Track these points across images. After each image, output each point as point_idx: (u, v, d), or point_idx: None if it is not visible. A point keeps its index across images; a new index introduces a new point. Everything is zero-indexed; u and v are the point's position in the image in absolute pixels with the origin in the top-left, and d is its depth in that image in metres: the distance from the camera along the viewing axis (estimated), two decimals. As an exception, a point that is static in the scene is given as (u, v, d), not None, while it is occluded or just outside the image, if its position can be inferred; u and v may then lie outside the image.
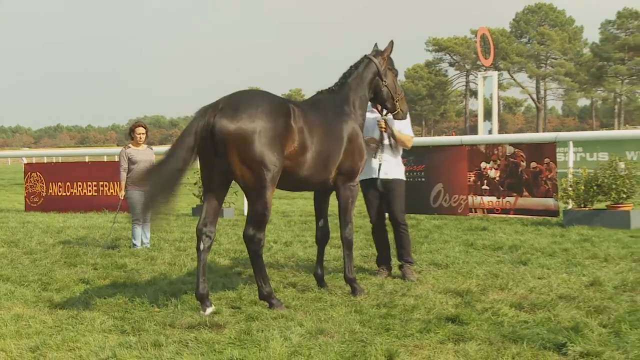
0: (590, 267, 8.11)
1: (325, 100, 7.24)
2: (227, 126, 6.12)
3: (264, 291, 6.56)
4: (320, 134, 6.75)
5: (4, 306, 6.88)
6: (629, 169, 11.52)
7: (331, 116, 7.04)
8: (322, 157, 6.78)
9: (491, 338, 5.36)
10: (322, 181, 6.99)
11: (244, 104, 6.31)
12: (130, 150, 10.88)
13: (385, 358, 4.90)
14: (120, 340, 5.51)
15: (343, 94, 7.29)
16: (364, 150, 7.28)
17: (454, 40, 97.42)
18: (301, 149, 6.57)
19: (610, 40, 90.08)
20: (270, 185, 6.31)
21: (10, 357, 5.21)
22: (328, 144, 6.84)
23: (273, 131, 6.26)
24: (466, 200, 12.94)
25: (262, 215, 6.40)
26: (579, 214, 11.65)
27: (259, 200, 6.33)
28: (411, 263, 8.13)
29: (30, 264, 9.42)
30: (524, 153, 12.41)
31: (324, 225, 7.52)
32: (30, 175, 18.00)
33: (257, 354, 5.02)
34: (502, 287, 7.18)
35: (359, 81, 7.40)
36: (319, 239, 7.55)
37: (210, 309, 6.40)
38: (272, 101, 6.52)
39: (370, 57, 7.54)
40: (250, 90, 6.71)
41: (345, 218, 7.25)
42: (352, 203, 7.24)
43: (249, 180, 6.24)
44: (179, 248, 10.57)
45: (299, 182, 6.88)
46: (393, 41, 7.71)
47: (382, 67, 7.52)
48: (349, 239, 7.25)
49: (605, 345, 5.09)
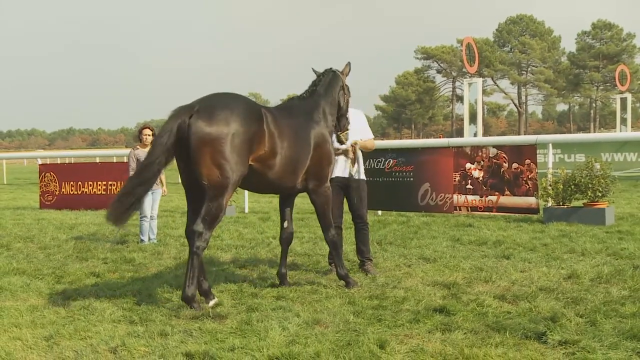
0: (568, 261, 8.11)
1: (296, 107, 7.08)
2: (202, 128, 5.95)
3: (188, 292, 6.08)
4: (289, 139, 6.58)
5: (20, 298, 6.86)
6: (604, 170, 11.55)
7: (301, 122, 6.86)
8: (291, 162, 6.61)
9: (476, 328, 5.36)
10: (290, 185, 6.81)
11: (219, 106, 6.14)
12: (138, 151, 10.83)
13: (377, 347, 4.89)
14: (128, 330, 5.50)
15: (313, 101, 7.15)
16: (332, 156, 7.11)
17: (441, 49, 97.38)
18: (271, 153, 6.41)
19: (586, 49, 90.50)
20: (231, 188, 6.12)
21: (26, 345, 5.19)
22: (296, 149, 6.67)
23: (246, 135, 6.11)
24: (451, 199, 12.94)
25: (216, 216, 6.12)
26: (558, 212, 11.67)
27: (218, 200, 6.07)
28: (371, 260, 8.05)
29: (45, 258, 9.39)
30: (507, 155, 12.39)
31: (288, 226, 7.31)
32: (44, 175, 17.93)
33: (257, 343, 5.01)
34: (486, 279, 7.17)
35: (328, 89, 7.27)
36: (283, 239, 7.31)
37: (214, 301, 6.38)
38: (246, 105, 6.38)
39: (335, 70, 7.46)
40: (224, 93, 6.48)
41: (325, 222, 7.09)
42: (327, 207, 7.07)
43: (214, 180, 5.99)
44: (183, 243, 10.53)
45: (267, 185, 6.70)
46: (350, 63, 7.60)
47: (344, 83, 7.43)
48: (334, 240, 7.13)
49: (582, 334, 5.10)
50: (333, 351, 4.82)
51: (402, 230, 11.30)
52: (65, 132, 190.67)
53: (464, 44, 39.14)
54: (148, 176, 6.13)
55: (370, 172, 13.08)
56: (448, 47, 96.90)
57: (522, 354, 4.72)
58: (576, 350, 4.78)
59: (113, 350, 5.00)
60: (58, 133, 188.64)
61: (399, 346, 4.94)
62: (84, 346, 5.13)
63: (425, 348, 4.89)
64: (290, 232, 7.35)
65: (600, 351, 4.71)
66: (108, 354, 4.94)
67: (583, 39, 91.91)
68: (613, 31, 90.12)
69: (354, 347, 4.90)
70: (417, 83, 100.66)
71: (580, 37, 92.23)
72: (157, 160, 6.06)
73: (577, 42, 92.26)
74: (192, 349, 4.88)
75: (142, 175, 6.18)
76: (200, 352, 4.83)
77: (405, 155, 13.34)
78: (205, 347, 4.95)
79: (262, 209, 15.77)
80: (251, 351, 4.85)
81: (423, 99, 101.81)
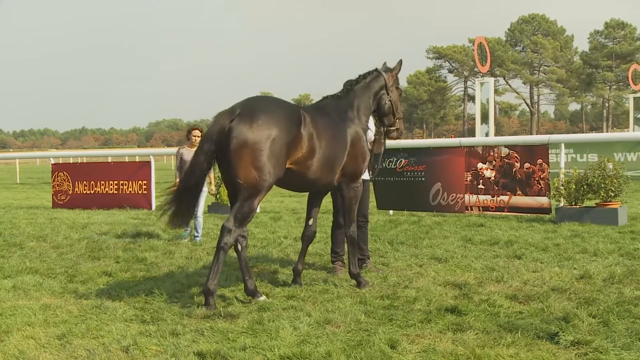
0: (580, 261, 8.08)
1: (330, 105, 7.17)
2: (244, 132, 6.07)
3: (210, 285, 6.19)
4: (326, 138, 6.70)
5: (33, 297, 6.90)
6: (616, 169, 11.49)
7: (336, 120, 6.98)
8: (329, 161, 6.72)
9: (488, 328, 5.34)
10: (327, 183, 6.94)
11: (260, 111, 6.25)
12: (184, 150, 11.15)
13: (389, 346, 4.89)
14: (140, 329, 5.52)
15: (348, 100, 7.23)
16: (367, 152, 7.21)
17: (453, 49, 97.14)
18: (310, 154, 6.52)
19: (599, 48, 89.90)
20: (265, 190, 6.26)
21: (39, 344, 5.22)
22: (334, 148, 6.78)
23: (285, 139, 6.23)
24: (463, 199, 12.90)
25: (248, 215, 6.27)
26: (570, 211, 11.61)
27: (251, 201, 6.19)
28: (369, 258, 8.17)
29: (57, 257, 9.44)
30: (519, 154, 12.36)
31: (312, 224, 7.40)
32: (57, 175, 18.02)
33: (269, 342, 5.01)
34: (498, 279, 7.15)
35: (365, 90, 7.34)
36: (306, 236, 7.40)
37: (262, 297, 6.53)
38: (286, 109, 6.49)
39: (380, 70, 7.51)
40: (264, 96, 6.71)
41: (349, 217, 7.18)
42: (355, 203, 7.17)
43: (250, 182, 6.10)
44: (195, 243, 10.58)
45: (305, 184, 6.83)
46: (402, 60, 7.67)
47: (389, 83, 7.47)
48: (353, 236, 7.18)
49: (594, 334, 5.08)
50: (344, 351, 4.81)
51: (413, 230, 11.28)
52: (78, 131, 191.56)
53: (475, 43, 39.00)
54: (193, 182, 6.46)
55: (381, 172, 13.10)
56: (460, 47, 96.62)
57: (534, 354, 4.71)
58: (589, 350, 4.75)
59: (125, 350, 5.01)
60: (70, 133, 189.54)
61: (410, 346, 4.93)
62: (96, 345, 5.15)
63: (436, 348, 4.88)
64: (314, 230, 7.46)
65: (613, 352, 4.68)
66: (120, 353, 4.96)
67: (596, 38, 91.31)
68: (626, 30, 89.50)
69: (365, 347, 4.89)
70: (428, 83, 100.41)
71: (593, 37, 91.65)
72: (199, 167, 6.34)
73: (590, 41, 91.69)
74: (204, 348, 4.89)
75: (189, 181, 6.49)
76: (212, 351, 4.84)
77: (417, 155, 13.34)
78: (216, 346, 4.96)
79: (273, 209, 15.78)
80: (262, 350, 4.85)
81: (435, 98, 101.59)
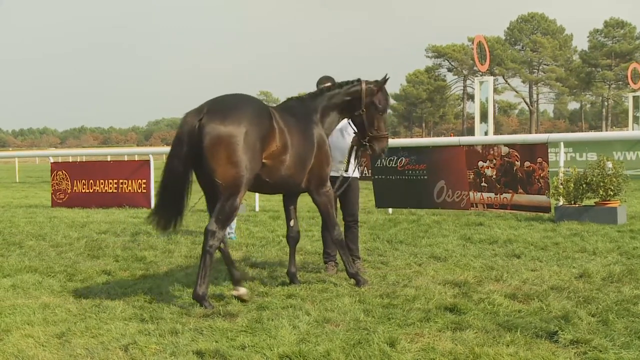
0: (579, 260, 8.07)
1: (295, 107, 7.04)
2: (216, 127, 6.00)
3: (199, 290, 6.16)
4: (296, 135, 6.64)
5: (32, 295, 6.90)
6: (615, 168, 11.47)
7: (302, 121, 6.87)
8: (301, 158, 6.66)
9: (487, 326, 5.34)
10: (298, 182, 6.82)
11: (229, 106, 6.22)
12: None
13: (388, 345, 4.89)
14: (139, 328, 5.52)
15: (314, 104, 7.08)
16: (330, 157, 7.09)
17: (452, 47, 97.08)
18: (283, 148, 6.46)
19: (598, 47, 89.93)
20: (245, 186, 6.19)
21: (38, 342, 5.22)
22: (304, 146, 6.71)
23: (258, 132, 6.17)
24: (467, 196, 12.89)
25: (230, 215, 6.22)
26: (570, 210, 11.60)
27: (232, 200, 6.13)
28: (359, 258, 8.02)
29: (57, 256, 9.44)
30: (518, 153, 12.35)
31: (294, 225, 7.37)
32: (56, 174, 17.99)
33: (268, 341, 5.01)
34: (497, 278, 7.15)
35: (334, 97, 7.11)
36: (291, 238, 7.36)
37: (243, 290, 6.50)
38: (255, 104, 6.47)
39: (362, 81, 7.15)
40: (232, 94, 6.52)
41: (330, 222, 7.13)
42: (331, 207, 7.09)
43: (229, 180, 6.04)
44: (194, 242, 10.58)
45: (279, 183, 6.68)
46: (388, 75, 7.20)
47: (365, 96, 7.06)
48: (339, 239, 7.12)
49: (594, 333, 5.08)
50: (343, 350, 4.81)
51: (412, 228, 11.27)
52: (77, 130, 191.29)
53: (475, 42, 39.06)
54: (171, 188, 6.30)
55: (381, 171, 13.11)
56: (459, 46, 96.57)
57: (534, 353, 4.70)
58: (588, 349, 4.75)
59: (124, 348, 5.01)
60: (70, 132, 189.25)
61: (410, 345, 4.93)
62: (95, 344, 5.15)
63: (435, 347, 4.88)
64: (297, 230, 7.41)
65: (612, 350, 4.68)
66: (119, 352, 4.96)
67: (595, 37, 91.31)
68: (626, 29, 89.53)
69: (364, 346, 4.89)
70: (428, 81, 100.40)
71: (592, 35, 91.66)
72: (175, 172, 6.21)
73: (589, 40, 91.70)
74: (203, 347, 4.89)
75: (166, 189, 6.35)
76: (211, 350, 4.85)
77: (417, 154, 13.31)
78: (215, 345, 4.97)
79: (272, 208, 15.77)
80: (261, 349, 4.85)
81: (434, 97, 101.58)
